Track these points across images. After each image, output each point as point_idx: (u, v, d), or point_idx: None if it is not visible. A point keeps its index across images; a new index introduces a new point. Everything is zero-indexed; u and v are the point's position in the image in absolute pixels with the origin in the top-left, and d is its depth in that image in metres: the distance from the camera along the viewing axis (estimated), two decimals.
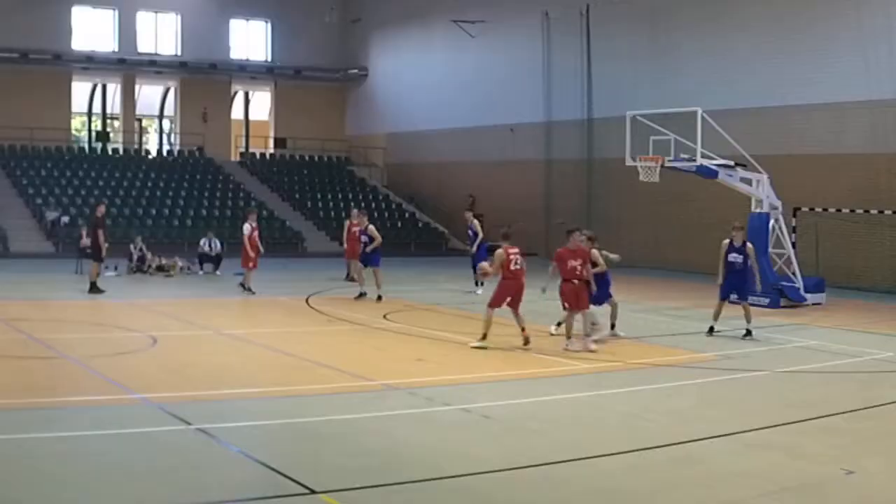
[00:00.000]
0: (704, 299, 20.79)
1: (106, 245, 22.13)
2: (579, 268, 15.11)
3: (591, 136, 34.81)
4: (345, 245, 25.93)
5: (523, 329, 15.27)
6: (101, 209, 23.00)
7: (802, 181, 26.34)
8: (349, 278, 25.04)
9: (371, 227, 22.39)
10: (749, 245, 17.28)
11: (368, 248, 21.97)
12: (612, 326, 16.76)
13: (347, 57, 46.63)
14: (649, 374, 13.47)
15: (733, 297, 17.04)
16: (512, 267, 15.33)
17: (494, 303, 15.34)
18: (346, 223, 26.48)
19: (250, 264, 22.55)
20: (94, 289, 21.50)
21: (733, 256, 17.02)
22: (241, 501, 7.86)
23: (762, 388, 12.84)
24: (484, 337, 15.07)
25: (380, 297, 21.17)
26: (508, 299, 15.36)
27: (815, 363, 14.69)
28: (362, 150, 46.43)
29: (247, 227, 22.86)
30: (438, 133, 41.50)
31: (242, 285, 22.61)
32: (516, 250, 15.54)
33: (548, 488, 8.23)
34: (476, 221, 24.72)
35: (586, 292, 15.27)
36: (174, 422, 9.96)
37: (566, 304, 15.25)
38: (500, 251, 15.55)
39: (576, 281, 15.10)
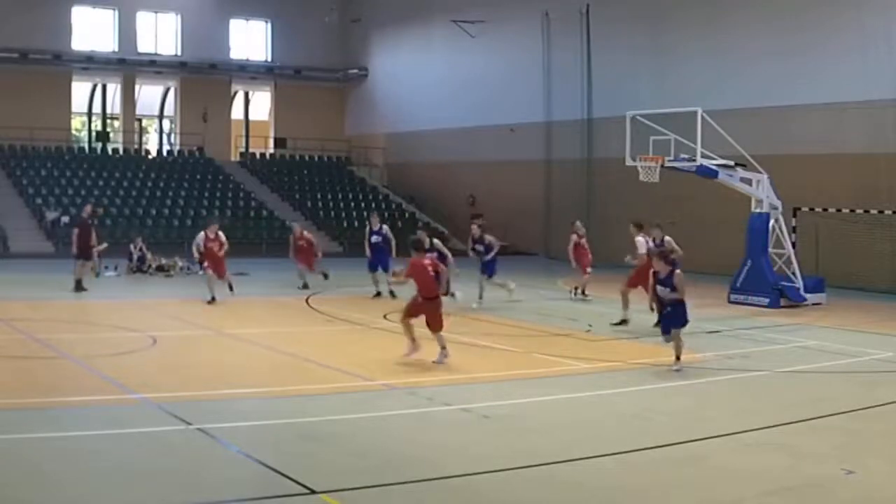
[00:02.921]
0: (704, 298, 20.83)
1: (102, 246, 22.29)
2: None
3: (591, 136, 34.81)
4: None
5: None
6: (88, 209, 23.26)
7: (802, 181, 26.32)
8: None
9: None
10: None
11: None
12: None
13: (347, 57, 46.62)
14: (649, 374, 13.47)
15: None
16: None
17: None
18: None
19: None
20: (78, 287, 21.68)
21: None
22: (241, 501, 7.86)
23: (762, 388, 12.84)
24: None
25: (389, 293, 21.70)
26: None
27: (815, 363, 14.69)
28: (362, 150, 46.41)
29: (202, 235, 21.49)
30: (438, 133, 41.48)
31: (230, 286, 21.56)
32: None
33: (548, 488, 8.23)
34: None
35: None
36: (174, 422, 9.96)
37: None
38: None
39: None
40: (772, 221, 22.49)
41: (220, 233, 21.27)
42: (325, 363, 13.74)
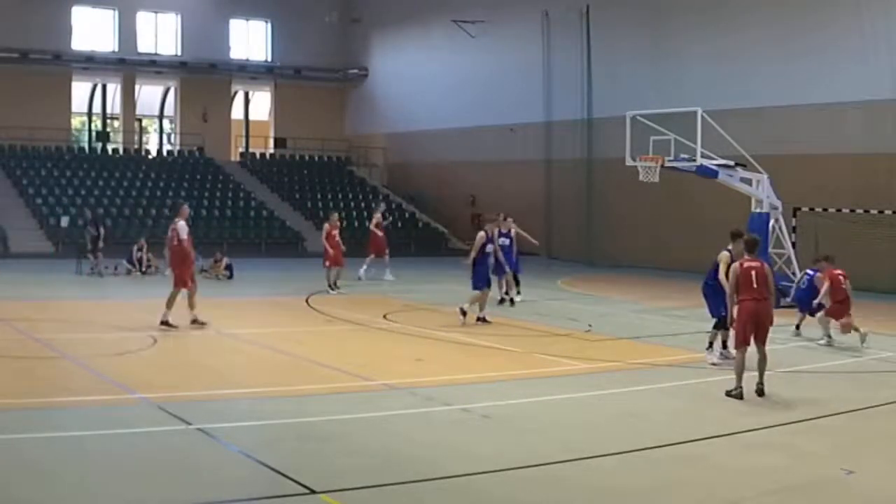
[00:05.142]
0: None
1: None
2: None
3: (591, 136, 34.80)
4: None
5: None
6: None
7: (802, 181, 26.33)
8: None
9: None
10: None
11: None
12: None
13: (347, 57, 46.62)
14: (649, 374, 13.47)
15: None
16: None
17: None
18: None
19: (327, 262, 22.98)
20: None
21: None
22: (241, 501, 7.86)
23: None
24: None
25: (511, 302, 20.94)
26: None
27: (815, 363, 14.70)
28: (362, 150, 46.42)
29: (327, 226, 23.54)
30: (438, 133, 41.49)
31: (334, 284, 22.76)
32: None
33: (548, 488, 8.23)
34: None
35: None
36: (174, 422, 9.96)
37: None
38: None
39: None
40: (772, 221, 22.48)
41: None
42: (325, 363, 13.73)
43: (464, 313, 17.69)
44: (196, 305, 16.55)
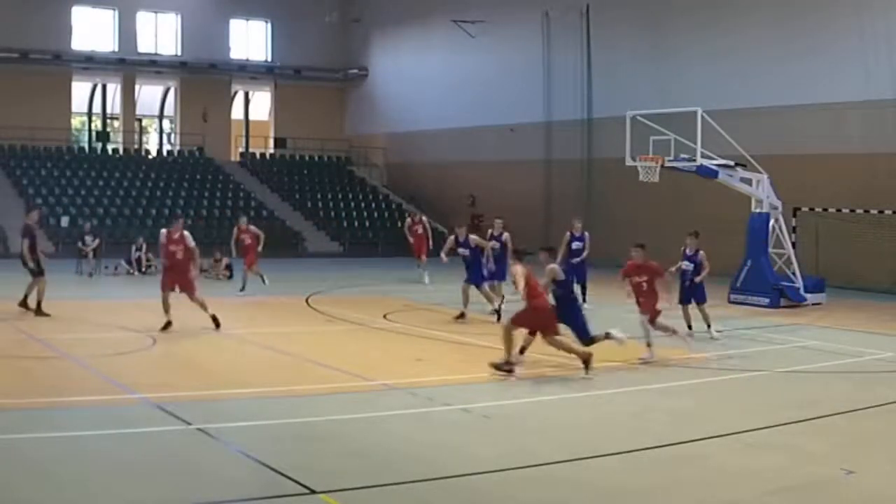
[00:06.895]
0: None
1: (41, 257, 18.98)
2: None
3: (591, 136, 34.80)
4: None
5: None
6: (35, 215, 20.21)
7: (802, 181, 26.33)
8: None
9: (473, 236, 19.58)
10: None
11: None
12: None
13: (347, 57, 46.62)
14: (649, 374, 13.47)
15: None
16: None
17: None
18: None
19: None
20: (40, 311, 17.89)
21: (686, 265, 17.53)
22: (241, 501, 7.86)
23: (762, 388, 12.84)
24: None
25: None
26: None
27: (815, 363, 14.70)
28: (362, 150, 46.41)
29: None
30: (438, 133, 41.48)
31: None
32: None
33: (548, 488, 8.23)
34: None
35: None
36: (174, 422, 9.97)
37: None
38: None
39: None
40: (772, 221, 22.49)
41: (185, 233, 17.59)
42: (324, 363, 13.74)
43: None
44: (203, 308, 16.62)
